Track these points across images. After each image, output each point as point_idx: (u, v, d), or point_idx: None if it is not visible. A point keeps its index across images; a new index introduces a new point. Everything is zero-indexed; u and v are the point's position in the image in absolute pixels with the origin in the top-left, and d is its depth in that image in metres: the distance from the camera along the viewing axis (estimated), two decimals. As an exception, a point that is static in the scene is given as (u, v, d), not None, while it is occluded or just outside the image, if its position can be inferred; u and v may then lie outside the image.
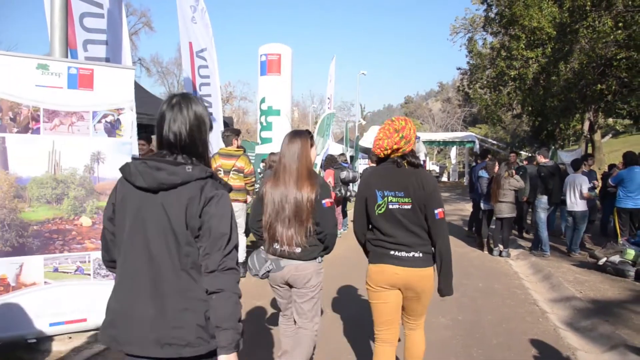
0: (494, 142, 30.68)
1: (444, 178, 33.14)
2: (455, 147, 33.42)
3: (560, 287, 5.62)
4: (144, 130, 5.93)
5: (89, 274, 3.56)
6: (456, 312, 4.73)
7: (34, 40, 62.28)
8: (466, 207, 13.65)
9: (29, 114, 3.32)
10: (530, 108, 16.97)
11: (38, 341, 3.42)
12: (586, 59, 14.05)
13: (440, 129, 46.15)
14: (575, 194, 7.20)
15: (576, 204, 7.23)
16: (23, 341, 3.34)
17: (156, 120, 1.67)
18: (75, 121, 3.50)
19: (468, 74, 21.82)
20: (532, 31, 15.36)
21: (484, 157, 8.80)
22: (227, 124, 8.45)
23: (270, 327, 4.18)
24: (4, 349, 3.33)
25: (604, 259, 6.27)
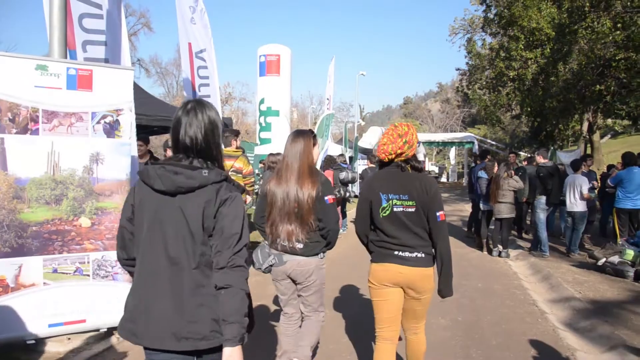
0: (493, 143, 30.67)
1: (443, 179, 33.15)
2: (454, 148, 33.50)
3: (559, 288, 5.62)
4: (143, 131, 5.92)
5: (88, 275, 3.54)
6: (455, 313, 4.73)
7: (34, 40, 62.41)
8: (465, 208, 13.67)
9: (28, 115, 3.32)
10: (529, 109, 16.94)
11: (37, 342, 3.41)
12: (585, 60, 14.05)
13: (439, 130, 46.14)
14: (575, 195, 7.21)
15: (576, 205, 7.23)
16: (22, 342, 3.34)
17: (172, 125, 1.76)
18: (74, 122, 3.50)
19: (467, 75, 21.84)
20: (531, 32, 15.36)
21: (483, 158, 8.81)
22: (226, 125, 8.44)
23: (270, 327, 4.18)
24: (3, 350, 3.32)
25: (603, 260, 6.28)
